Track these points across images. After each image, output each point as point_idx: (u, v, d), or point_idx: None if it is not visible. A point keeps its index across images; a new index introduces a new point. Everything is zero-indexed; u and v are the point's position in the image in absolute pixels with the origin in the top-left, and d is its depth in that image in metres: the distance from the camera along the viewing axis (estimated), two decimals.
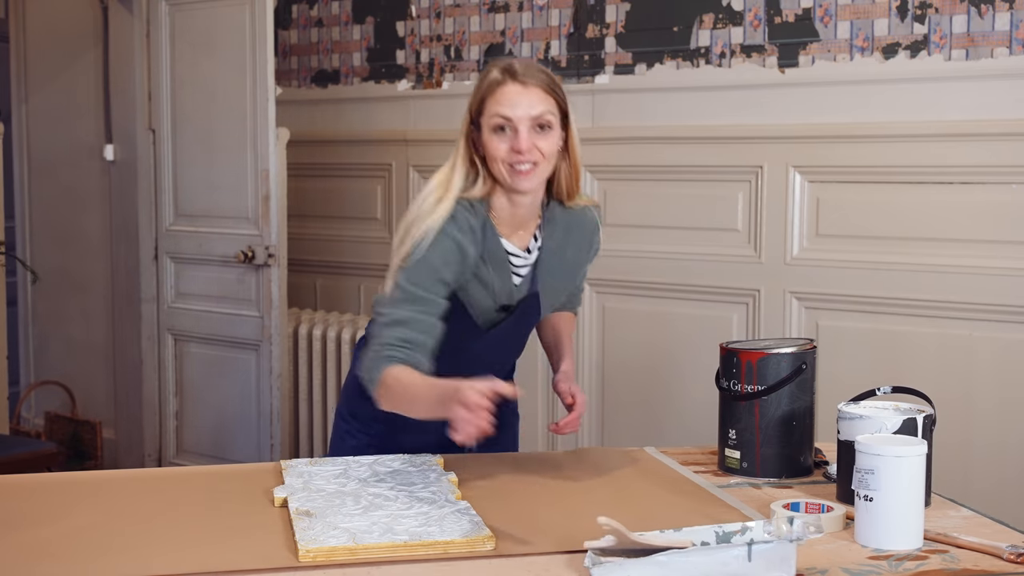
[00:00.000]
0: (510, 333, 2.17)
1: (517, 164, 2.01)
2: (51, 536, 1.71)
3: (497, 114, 2.01)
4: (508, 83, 2.02)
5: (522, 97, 2.01)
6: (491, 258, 2.08)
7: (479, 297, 2.09)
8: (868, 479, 1.68)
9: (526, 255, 2.13)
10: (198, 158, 4.33)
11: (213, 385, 4.35)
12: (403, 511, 1.79)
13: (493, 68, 2.06)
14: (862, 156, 3.33)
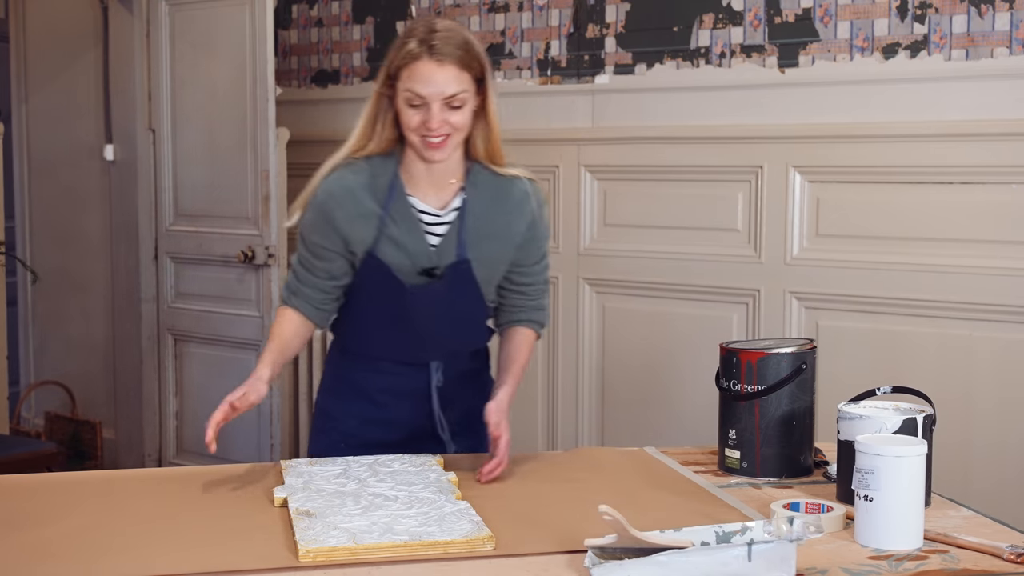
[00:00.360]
0: (442, 300, 2.14)
1: (428, 136, 2.04)
2: (52, 536, 1.71)
3: (410, 90, 2.03)
4: (424, 59, 2.01)
5: (436, 75, 2.01)
6: (399, 216, 2.11)
7: (393, 255, 2.11)
8: (868, 479, 1.68)
9: (440, 213, 2.13)
10: (198, 158, 4.33)
11: (213, 385, 4.34)
12: (403, 511, 1.79)
13: (413, 36, 2.04)
14: (862, 156, 3.33)
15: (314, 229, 2.13)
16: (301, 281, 2.17)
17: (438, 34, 2.02)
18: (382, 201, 2.10)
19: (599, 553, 1.52)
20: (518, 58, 4.01)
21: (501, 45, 4.06)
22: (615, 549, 1.52)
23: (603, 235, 3.83)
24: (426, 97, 2.01)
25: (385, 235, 2.10)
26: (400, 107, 2.05)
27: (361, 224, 2.10)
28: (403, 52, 2.03)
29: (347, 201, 2.10)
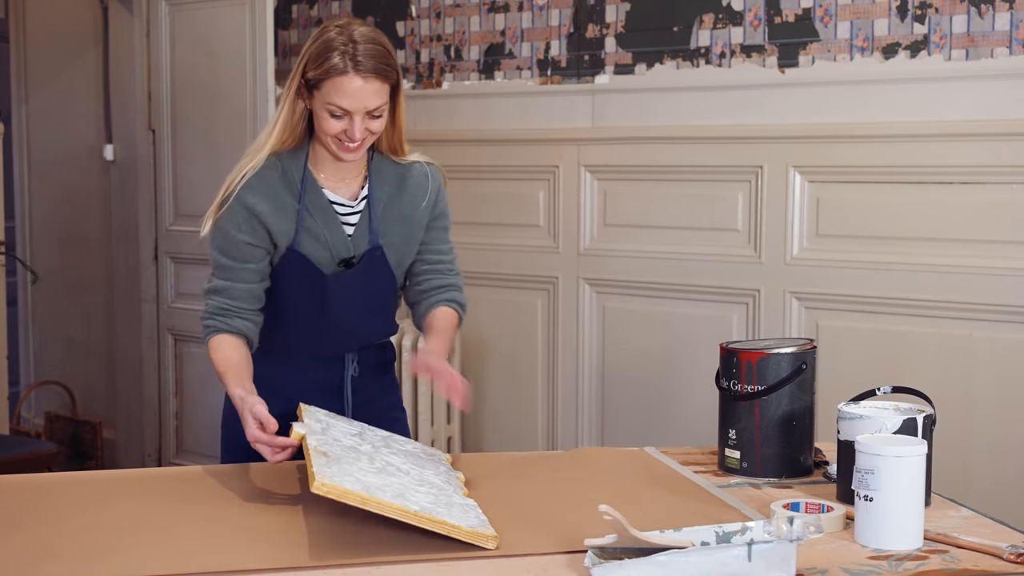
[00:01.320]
0: (359, 288, 2.16)
1: (345, 143, 2.08)
2: (51, 536, 1.71)
3: (334, 104, 2.04)
4: (349, 75, 2.03)
5: (361, 92, 2.03)
6: (316, 209, 2.14)
7: (313, 249, 2.14)
8: (868, 479, 1.68)
9: (352, 204, 2.17)
10: (198, 158, 4.33)
11: (213, 385, 4.34)
12: (415, 486, 1.79)
13: (334, 49, 2.03)
14: (862, 156, 3.33)
15: (240, 228, 2.11)
16: (232, 297, 2.14)
17: (361, 47, 2.04)
18: (297, 195, 2.14)
19: (599, 553, 1.52)
20: (518, 58, 4.01)
21: (501, 45, 4.06)
22: (615, 549, 1.52)
23: (603, 235, 3.83)
24: (351, 111, 2.04)
25: (304, 228, 2.13)
26: (319, 113, 2.07)
27: (282, 217, 2.13)
28: (326, 65, 2.03)
29: (268, 195, 2.12)
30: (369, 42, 2.05)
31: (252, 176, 2.12)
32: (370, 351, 2.28)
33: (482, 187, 4.07)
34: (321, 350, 2.23)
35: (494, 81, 4.08)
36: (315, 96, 2.07)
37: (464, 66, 4.16)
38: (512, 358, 4.03)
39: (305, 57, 2.08)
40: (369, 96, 2.04)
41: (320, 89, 2.05)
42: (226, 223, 2.13)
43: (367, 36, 2.06)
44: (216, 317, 2.14)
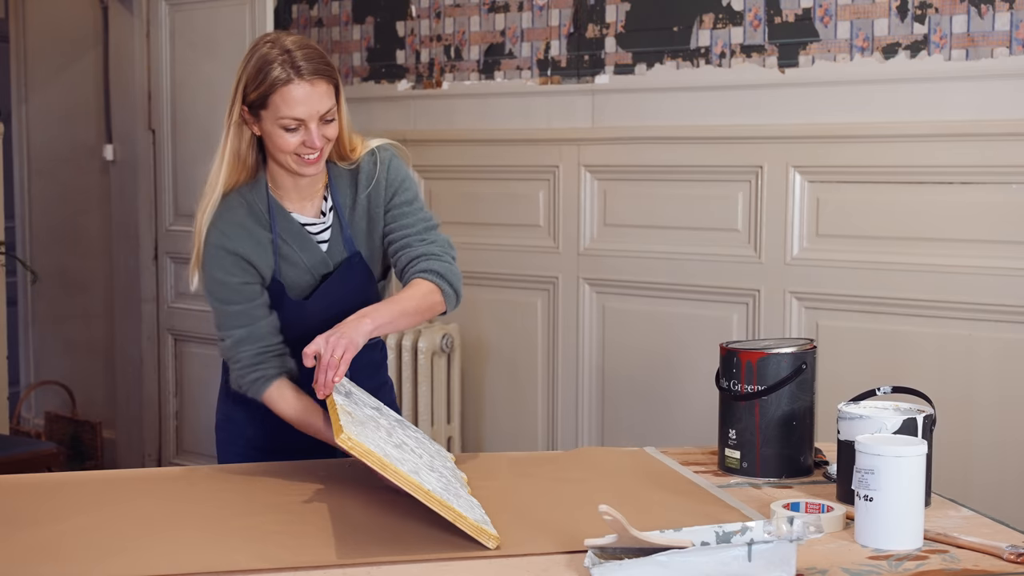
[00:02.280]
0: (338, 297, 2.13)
1: (305, 155, 2.04)
2: (51, 536, 1.71)
3: (288, 116, 2.00)
4: (295, 82, 1.99)
5: (311, 97, 2.00)
6: (288, 235, 2.12)
7: (294, 276, 2.13)
8: (868, 479, 1.68)
9: (321, 219, 2.15)
10: (198, 158, 4.32)
11: (213, 385, 4.34)
12: (427, 469, 1.80)
13: (271, 62, 1.99)
14: (862, 156, 3.33)
15: (232, 273, 2.08)
16: (259, 339, 2.10)
17: (298, 53, 2.00)
18: (267, 225, 2.11)
19: (599, 553, 1.52)
20: (518, 58, 4.01)
21: (501, 45, 4.06)
22: (615, 549, 1.52)
23: (603, 235, 3.83)
24: (305, 119, 2.01)
25: (281, 257, 2.11)
26: (270, 132, 2.03)
27: (261, 252, 2.10)
28: (269, 80, 1.99)
29: (241, 234, 2.09)
30: (303, 47, 2.02)
31: (219, 219, 2.08)
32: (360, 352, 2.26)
33: (482, 187, 4.07)
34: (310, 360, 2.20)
35: (494, 81, 4.08)
36: (262, 117, 2.03)
37: (464, 66, 4.16)
38: (512, 358, 4.03)
39: (242, 81, 2.04)
40: (319, 99, 2.01)
41: (267, 107, 2.01)
42: (216, 272, 2.09)
43: (300, 43, 2.03)
44: (259, 367, 2.10)
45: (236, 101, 2.06)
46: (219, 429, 2.35)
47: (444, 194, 4.21)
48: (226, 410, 2.31)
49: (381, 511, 1.84)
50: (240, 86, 2.04)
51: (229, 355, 2.14)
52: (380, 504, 1.88)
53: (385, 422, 1.96)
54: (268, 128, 2.04)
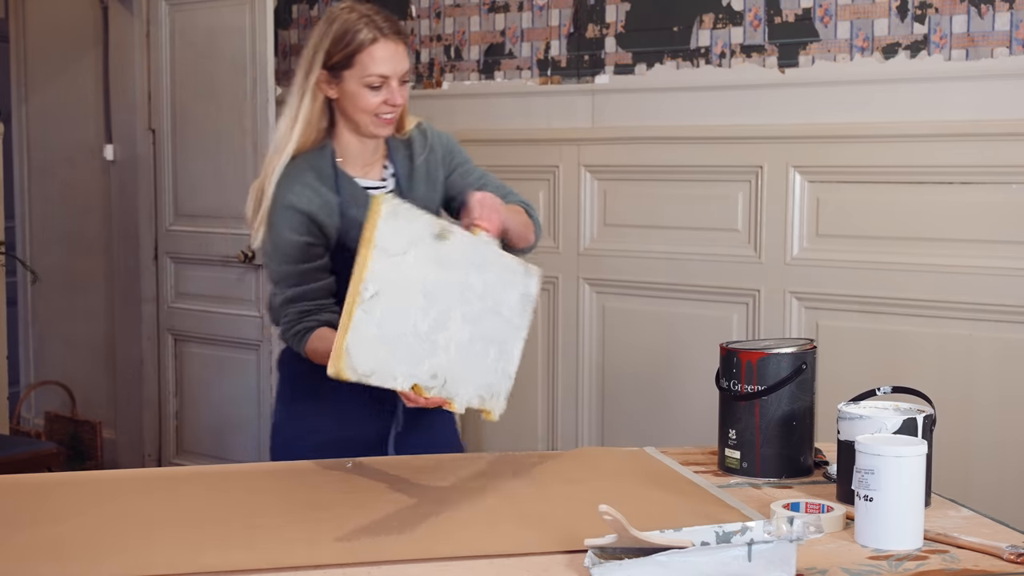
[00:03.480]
0: None
1: (383, 115, 2.14)
2: (51, 536, 1.71)
3: (375, 73, 2.10)
4: (381, 41, 2.11)
5: (396, 56, 2.12)
6: (354, 200, 2.17)
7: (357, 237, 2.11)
8: (868, 479, 1.68)
9: (382, 183, 2.23)
10: (198, 158, 4.33)
11: (213, 385, 4.35)
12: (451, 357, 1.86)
13: (360, 25, 2.10)
14: (862, 156, 3.33)
15: (299, 232, 2.14)
16: (311, 299, 2.15)
17: (377, 17, 2.12)
18: (333, 188, 2.17)
19: (599, 553, 1.52)
20: (518, 58, 4.01)
21: (501, 45, 4.06)
22: (615, 549, 1.52)
23: (603, 235, 3.83)
24: (389, 76, 2.12)
25: (347, 219, 2.15)
26: (354, 92, 2.12)
27: (328, 213, 2.16)
28: (356, 41, 2.10)
29: (311, 195, 2.15)
30: (380, 12, 2.14)
31: (290, 180, 2.14)
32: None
33: None
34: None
35: (494, 81, 4.08)
36: (345, 78, 2.12)
37: (464, 66, 4.16)
38: None
39: (323, 46, 2.12)
40: (402, 59, 2.13)
41: (353, 67, 2.10)
42: (284, 231, 2.14)
43: (375, 9, 2.16)
44: (303, 320, 2.16)
45: (314, 67, 2.13)
46: (280, 431, 2.36)
47: None
48: (288, 411, 2.33)
49: (381, 511, 1.84)
50: (320, 51, 2.13)
51: (277, 312, 2.20)
52: (380, 504, 1.88)
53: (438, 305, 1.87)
54: (351, 88, 2.13)
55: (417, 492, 1.95)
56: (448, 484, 2.00)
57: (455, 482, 2.01)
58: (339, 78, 2.12)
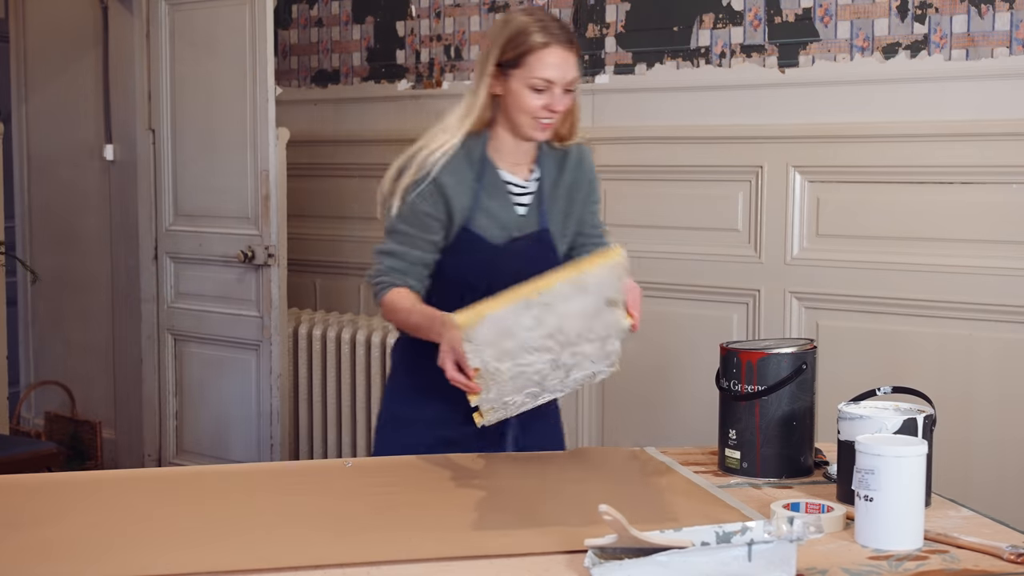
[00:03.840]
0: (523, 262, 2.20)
1: (543, 118, 2.17)
2: (51, 536, 1.71)
3: (541, 77, 2.14)
4: (552, 47, 2.14)
5: (565, 62, 2.15)
6: (492, 190, 2.22)
7: (487, 227, 2.21)
8: (868, 479, 1.68)
9: (524, 184, 2.26)
10: (198, 158, 4.33)
11: (213, 385, 4.35)
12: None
13: (535, 28, 2.14)
14: (862, 156, 3.33)
15: (424, 199, 2.19)
16: (407, 261, 2.22)
17: (555, 23, 2.17)
18: (477, 174, 2.21)
19: (599, 553, 1.52)
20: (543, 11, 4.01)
21: None
22: (615, 549, 1.52)
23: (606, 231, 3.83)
24: (555, 82, 2.15)
25: (479, 207, 2.21)
26: (517, 92, 2.16)
27: (463, 192, 2.20)
28: (528, 42, 2.14)
29: (455, 171, 2.20)
30: (556, 20, 2.19)
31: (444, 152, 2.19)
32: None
33: None
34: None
35: None
36: (513, 76, 2.15)
37: (464, 66, 4.16)
38: None
39: (498, 43, 2.16)
40: (570, 67, 2.16)
41: (521, 67, 2.14)
42: (422, 199, 2.19)
43: (552, 16, 2.21)
44: (391, 274, 2.22)
45: (488, 63, 2.18)
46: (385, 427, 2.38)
47: None
48: (396, 408, 2.35)
49: (381, 511, 1.84)
50: (494, 48, 2.17)
51: (377, 257, 2.25)
52: (380, 504, 1.88)
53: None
54: (515, 87, 2.16)
55: (417, 492, 1.95)
56: (447, 484, 2.00)
57: (455, 482, 2.01)
58: (507, 76, 2.16)
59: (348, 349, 4.16)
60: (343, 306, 4.55)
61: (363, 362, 4.11)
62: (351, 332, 4.16)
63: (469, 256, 2.23)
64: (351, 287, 4.54)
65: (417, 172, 2.20)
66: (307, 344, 4.27)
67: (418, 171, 2.20)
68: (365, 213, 4.48)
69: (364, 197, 4.48)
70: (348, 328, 4.18)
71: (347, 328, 4.19)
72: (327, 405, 4.23)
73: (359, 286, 4.51)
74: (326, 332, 4.22)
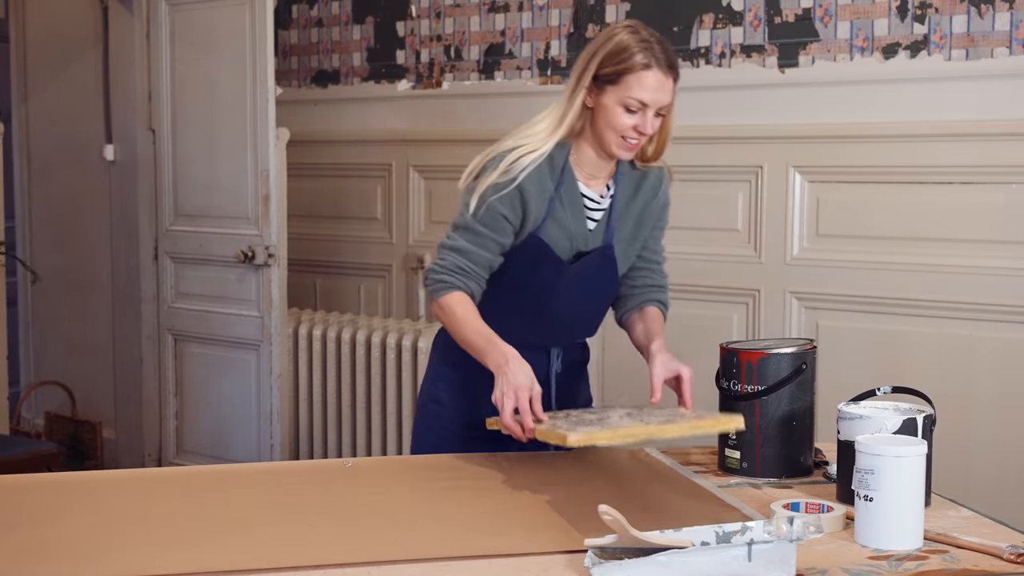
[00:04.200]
0: (584, 281, 2.23)
1: (630, 138, 2.15)
2: (51, 536, 1.71)
3: (636, 98, 2.11)
4: (653, 69, 2.11)
5: (662, 87, 2.12)
6: (568, 200, 2.21)
7: (556, 237, 2.20)
8: (868, 479, 1.68)
9: (599, 200, 2.24)
10: (198, 158, 4.33)
11: (213, 385, 4.35)
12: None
13: (635, 47, 2.10)
14: (862, 156, 3.33)
15: (503, 203, 2.17)
16: (473, 261, 2.19)
17: (659, 46, 2.12)
18: (555, 182, 2.20)
19: (599, 553, 1.52)
20: (518, 58, 4.01)
21: (501, 45, 4.06)
22: (615, 549, 1.52)
23: None
24: (649, 105, 2.12)
25: (552, 216, 2.19)
26: (609, 108, 2.13)
27: (540, 200, 2.18)
28: (629, 61, 2.10)
29: (538, 179, 2.18)
30: (661, 42, 2.14)
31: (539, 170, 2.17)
32: (573, 349, 2.37)
33: None
34: (532, 339, 2.26)
35: (494, 81, 4.08)
36: (608, 92, 2.13)
37: (464, 66, 4.16)
38: None
39: (598, 56, 2.13)
40: (666, 92, 2.13)
41: (617, 84, 2.11)
42: (503, 202, 2.17)
43: (657, 36, 2.15)
44: (455, 274, 2.19)
45: (586, 74, 2.14)
46: (424, 409, 2.39)
47: (444, 194, 4.21)
48: (436, 392, 2.35)
49: (381, 511, 1.84)
50: (594, 60, 2.14)
51: (443, 252, 2.21)
52: (380, 504, 1.88)
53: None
54: (608, 103, 2.14)
55: (417, 492, 1.95)
56: (448, 484, 2.00)
57: (455, 482, 2.01)
58: (601, 90, 2.13)
59: (348, 349, 4.16)
60: (343, 306, 4.55)
61: (363, 362, 4.11)
62: (351, 332, 4.16)
63: (533, 266, 2.22)
64: (351, 287, 4.54)
65: (502, 175, 2.17)
66: (307, 344, 4.27)
67: (503, 174, 2.17)
68: (365, 213, 4.49)
69: (364, 197, 4.49)
70: (348, 328, 4.18)
71: (347, 328, 4.19)
72: (327, 405, 4.23)
73: (359, 286, 4.51)
74: (326, 332, 4.22)
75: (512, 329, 2.22)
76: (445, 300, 2.18)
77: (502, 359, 2.06)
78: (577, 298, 2.26)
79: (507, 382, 2.03)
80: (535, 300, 2.24)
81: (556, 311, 2.25)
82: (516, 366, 2.05)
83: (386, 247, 4.42)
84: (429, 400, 2.36)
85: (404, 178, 4.33)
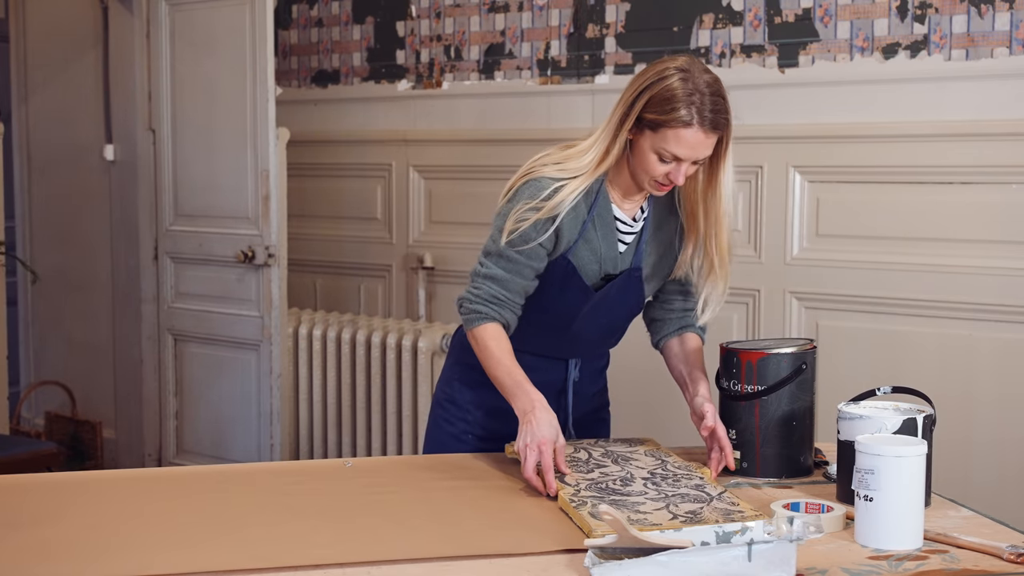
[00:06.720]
0: (608, 303, 2.21)
1: (662, 183, 2.10)
2: (51, 536, 1.71)
3: (671, 152, 2.05)
4: (695, 128, 2.02)
5: (701, 145, 2.04)
6: (600, 223, 2.17)
7: (586, 260, 2.17)
8: (868, 479, 1.68)
9: (632, 223, 2.20)
10: (198, 158, 4.33)
11: (213, 385, 4.35)
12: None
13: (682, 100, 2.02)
14: (862, 156, 3.33)
15: (537, 229, 2.12)
16: (508, 290, 2.15)
17: (708, 100, 2.03)
18: (589, 204, 2.16)
19: (599, 553, 1.52)
20: (518, 58, 4.01)
21: (501, 45, 4.06)
22: (615, 549, 1.52)
23: None
24: (683, 160, 2.06)
25: (584, 238, 2.16)
26: (644, 152, 2.08)
27: (572, 223, 2.15)
28: (673, 115, 2.02)
29: (574, 207, 2.14)
30: (715, 95, 2.04)
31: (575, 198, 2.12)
32: (592, 357, 2.37)
33: (482, 187, 4.07)
34: (548, 351, 2.27)
35: (494, 81, 4.08)
36: (647, 135, 2.06)
37: (464, 66, 4.16)
38: None
39: (645, 96, 2.05)
40: (705, 148, 2.06)
41: (657, 132, 2.04)
42: (537, 229, 2.12)
43: (713, 88, 2.04)
44: (490, 304, 2.15)
45: (633, 109, 2.06)
46: (437, 405, 2.38)
47: (444, 194, 4.22)
48: (451, 392, 2.34)
49: (381, 511, 1.84)
50: (640, 97, 2.06)
51: (477, 279, 2.17)
52: (380, 504, 1.88)
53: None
54: (645, 148, 2.08)
55: (417, 492, 1.95)
56: (448, 484, 2.00)
57: (455, 482, 2.01)
58: (641, 132, 2.07)
59: (348, 349, 4.16)
60: (343, 306, 4.55)
61: (363, 362, 4.11)
62: (351, 332, 4.16)
63: (560, 289, 2.19)
64: (351, 287, 4.54)
65: (539, 203, 2.11)
66: (307, 344, 4.27)
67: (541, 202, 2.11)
68: (365, 213, 4.49)
69: (364, 197, 4.49)
70: (348, 328, 4.18)
71: (347, 328, 4.19)
72: (327, 405, 4.23)
73: (359, 286, 4.51)
74: (326, 332, 4.22)
75: (533, 344, 2.23)
76: (479, 332, 2.14)
77: (529, 406, 2.03)
78: (601, 320, 2.25)
79: (531, 432, 1.98)
80: (558, 321, 2.23)
81: (578, 331, 2.25)
82: (542, 416, 2.01)
83: (386, 247, 4.42)
84: (444, 399, 2.36)
85: (404, 178, 4.33)
